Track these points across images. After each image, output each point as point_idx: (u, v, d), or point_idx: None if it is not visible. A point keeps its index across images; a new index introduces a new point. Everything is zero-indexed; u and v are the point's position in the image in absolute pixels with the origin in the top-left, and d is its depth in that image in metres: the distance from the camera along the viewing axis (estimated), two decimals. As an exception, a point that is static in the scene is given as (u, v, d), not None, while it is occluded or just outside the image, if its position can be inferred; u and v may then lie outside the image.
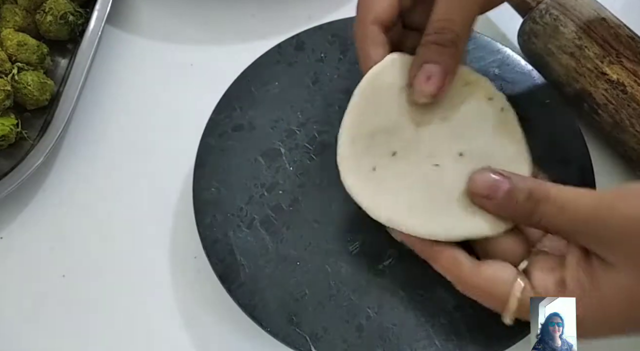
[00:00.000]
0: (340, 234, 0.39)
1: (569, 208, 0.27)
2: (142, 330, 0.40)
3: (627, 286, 0.26)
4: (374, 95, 0.33)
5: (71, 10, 0.48)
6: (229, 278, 0.37)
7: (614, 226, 0.26)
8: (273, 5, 0.52)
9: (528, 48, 0.46)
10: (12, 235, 0.44)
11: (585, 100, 0.42)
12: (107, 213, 0.44)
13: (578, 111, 0.43)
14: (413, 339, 0.35)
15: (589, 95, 0.41)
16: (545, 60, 0.44)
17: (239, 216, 0.39)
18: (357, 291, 0.37)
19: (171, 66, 0.50)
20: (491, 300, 0.29)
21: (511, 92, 0.43)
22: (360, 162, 0.32)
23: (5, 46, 0.45)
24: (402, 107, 0.32)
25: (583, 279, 0.27)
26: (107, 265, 0.42)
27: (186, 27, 0.52)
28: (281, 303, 0.36)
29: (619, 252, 0.26)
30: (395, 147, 0.32)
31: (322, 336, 0.36)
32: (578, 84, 0.42)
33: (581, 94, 0.42)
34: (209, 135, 0.42)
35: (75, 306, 0.41)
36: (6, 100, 0.43)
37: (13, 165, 0.43)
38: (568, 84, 0.43)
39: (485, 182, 0.29)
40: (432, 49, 0.29)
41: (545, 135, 0.41)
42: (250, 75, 0.44)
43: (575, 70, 0.42)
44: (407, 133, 0.32)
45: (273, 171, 0.41)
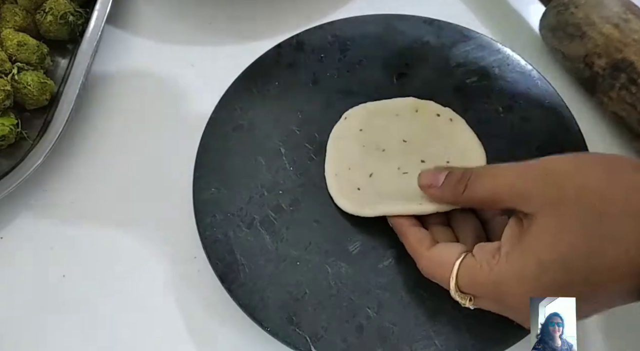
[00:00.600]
0: (340, 234, 0.39)
1: (492, 174, 0.32)
2: (142, 329, 0.40)
3: (547, 230, 0.28)
4: (343, 139, 0.41)
5: (71, 10, 0.48)
6: (229, 278, 0.37)
7: (530, 179, 0.30)
8: (273, 6, 0.52)
9: (564, 18, 0.45)
10: (12, 235, 0.43)
11: (624, 70, 0.42)
12: (107, 213, 0.44)
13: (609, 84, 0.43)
14: (413, 339, 0.35)
15: (631, 64, 0.42)
16: (582, 30, 0.44)
17: (239, 216, 0.39)
18: (357, 291, 0.37)
19: (171, 66, 0.50)
20: (439, 269, 0.32)
21: (511, 92, 0.43)
22: (346, 186, 0.40)
23: (6, 46, 0.45)
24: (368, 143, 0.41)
25: (513, 239, 0.30)
26: (107, 265, 0.42)
27: (186, 28, 0.52)
28: (281, 303, 0.36)
29: (536, 201, 0.29)
30: (370, 169, 0.40)
31: (322, 336, 0.36)
32: (620, 54, 0.42)
33: (621, 64, 0.42)
34: (209, 135, 0.42)
35: (75, 306, 0.41)
36: (6, 100, 0.43)
37: (13, 165, 0.43)
38: (607, 54, 0.43)
39: (428, 175, 0.35)
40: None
41: (545, 135, 0.41)
42: (250, 75, 0.44)
43: (618, 40, 0.42)
44: (377, 159, 0.40)
45: (273, 171, 0.41)
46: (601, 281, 0.27)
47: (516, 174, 0.30)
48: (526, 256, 0.29)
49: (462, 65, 0.44)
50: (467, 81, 0.44)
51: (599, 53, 0.43)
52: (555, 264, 0.28)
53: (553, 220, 0.28)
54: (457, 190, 0.33)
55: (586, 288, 0.28)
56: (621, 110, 0.43)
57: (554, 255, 0.28)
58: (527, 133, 0.42)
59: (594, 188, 0.28)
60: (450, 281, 0.31)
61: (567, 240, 0.28)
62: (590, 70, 0.44)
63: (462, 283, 0.31)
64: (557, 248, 0.28)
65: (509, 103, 0.43)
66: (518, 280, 0.29)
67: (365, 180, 0.40)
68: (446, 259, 0.32)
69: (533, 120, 0.42)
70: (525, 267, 0.28)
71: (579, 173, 0.29)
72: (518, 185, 0.30)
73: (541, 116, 0.42)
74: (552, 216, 0.28)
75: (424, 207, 0.36)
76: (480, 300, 0.31)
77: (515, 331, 0.34)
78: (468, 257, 0.31)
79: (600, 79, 0.43)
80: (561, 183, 0.29)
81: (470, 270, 0.31)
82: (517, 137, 0.42)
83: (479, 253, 0.31)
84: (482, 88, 0.44)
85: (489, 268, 0.30)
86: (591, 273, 0.27)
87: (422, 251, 0.34)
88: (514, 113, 0.42)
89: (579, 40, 0.44)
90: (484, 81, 0.44)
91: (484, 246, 0.31)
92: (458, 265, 0.31)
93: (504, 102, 0.43)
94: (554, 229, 0.28)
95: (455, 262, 0.31)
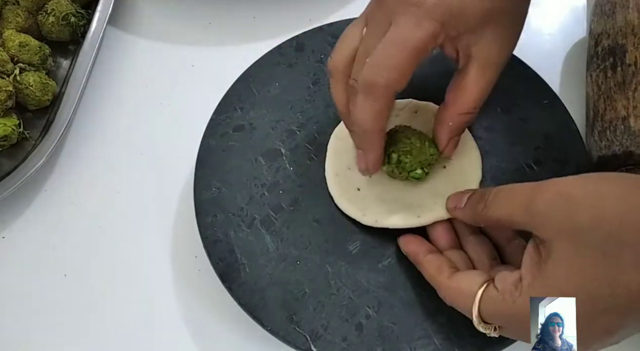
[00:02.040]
0: (340, 234, 0.39)
1: (508, 195, 0.31)
2: (143, 329, 0.41)
3: (567, 260, 0.27)
4: (343, 139, 0.41)
5: (73, 11, 0.48)
6: (229, 278, 0.37)
7: (543, 202, 0.29)
8: (274, 7, 0.52)
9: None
10: (14, 235, 0.44)
11: (616, 55, 0.42)
12: (108, 213, 0.44)
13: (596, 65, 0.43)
14: (412, 338, 0.35)
15: (624, 52, 0.41)
16: (614, 9, 0.44)
17: (240, 216, 0.40)
18: (356, 291, 0.37)
19: (172, 67, 0.50)
20: (460, 298, 0.32)
21: (510, 93, 0.43)
22: (346, 186, 0.40)
23: (8, 47, 0.45)
24: None
25: (533, 269, 0.29)
26: (108, 264, 0.42)
27: (187, 28, 0.52)
28: (281, 302, 0.37)
29: (551, 228, 0.28)
30: None
31: (322, 335, 0.36)
32: (623, 40, 0.42)
33: (617, 49, 0.42)
34: (210, 135, 0.42)
35: (76, 305, 0.41)
36: (8, 101, 0.44)
37: (15, 165, 0.43)
38: (613, 37, 0.43)
39: (454, 197, 0.36)
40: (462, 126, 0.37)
41: (544, 135, 0.42)
42: (251, 76, 0.44)
43: (633, 27, 0.42)
44: None
45: (273, 171, 0.41)
46: (626, 310, 0.27)
47: (530, 196, 0.29)
48: (548, 289, 0.28)
49: (461, 66, 0.44)
50: (466, 82, 0.44)
51: (610, 34, 0.43)
52: (578, 297, 0.27)
53: (571, 249, 0.27)
54: (477, 209, 0.33)
55: (613, 317, 0.27)
56: (590, 90, 0.43)
57: (576, 287, 0.27)
58: (525, 134, 0.42)
59: (611, 214, 0.27)
60: (473, 312, 0.31)
61: (589, 271, 0.27)
62: (595, 48, 0.44)
63: (485, 314, 0.31)
64: (578, 280, 0.27)
65: (507, 103, 0.43)
66: None
67: (366, 181, 0.40)
68: (467, 289, 0.31)
69: (532, 120, 0.42)
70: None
71: (593, 198, 0.28)
72: (532, 207, 0.29)
73: (540, 117, 0.42)
74: (570, 245, 0.27)
75: (422, 219, 0.37)
76: (505, 330, 0.31)
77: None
78: (490, 288, 0.30)
79: (595, 58, 0.43)
80: (576, 210, 0.28)
81: (493, 302, 0.30)
82: (516, 138, 0.42)
83: (501, 284, 0.30)
84: (481, 89, 0.44)
85: (512, 300, 0.29)
86: (615, 300, 0.26)
87: (442, 280, 0.33)
88: (512, 113, 0.43)
89: (605, 18, 0.44)
90: (483, 82, 0.44)
91: (505, 276, 0.30)
92: (480, 296, 0.30)
93: (502, 103, 0.43)
94: (574, 260, 0.27)
95: (477, 292, 0.31)
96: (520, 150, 0.41)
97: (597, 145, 0.41)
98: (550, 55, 0.49)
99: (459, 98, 0.35)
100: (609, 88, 0.41)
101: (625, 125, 0.39)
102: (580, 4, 0.52)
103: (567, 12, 0.53)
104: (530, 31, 0.51)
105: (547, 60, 0.49)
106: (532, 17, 0.51)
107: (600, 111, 0.42)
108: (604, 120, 0.41)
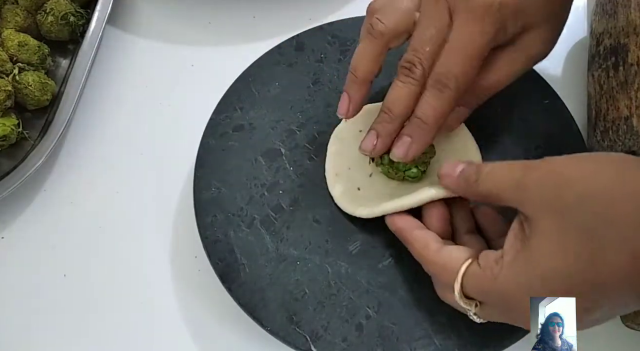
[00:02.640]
0: (340, 234, 0.39)
1: (501, 170, 0.32)
2: (143, 329, 0.41)
3: (550, 238, 0.28)
4: (343, 139, 0.42)
5: (72, 10, 0.48)
6: (229, 278, 0.37)
7: (533, 179, 0.29)
8: (273, 6, 0.52)
9: None
10: (13, 235, 0.44)
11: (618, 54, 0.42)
12: (107, 213, 0.44)
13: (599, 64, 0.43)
14: (412, 338, 0.35)
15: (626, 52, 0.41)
16: (616, 9, 0.44)
17: (240, 216, 0.39)
18: (356, 291, 0.37)
19: (172, 67, 0.50)
20: (445, 273, 0.32)
21: (511, 93, 0.43)
22: (346, 186, 0.40)
23: (7, 46, 0.45)
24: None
25: (516, 245, 0.29)
26: (107, 264, 0.42)
27: (187, 28, 0.52)
28: (281, 302, 0.37)
29: (536, 205, 0.29)
30: (370, 169, 0.40)
31: (322, 335, 0.36)
32: (626, 39, 0.42)
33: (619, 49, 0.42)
34: (210, 135, 0.42)
35: (75, 306, 0.41)
36: (7, 101, 0.44)
37: (14, 165, 0.43)
38: (615, 37, 0.43)
39: (448, 165, 0.35)
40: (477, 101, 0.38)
41: (544, 135, 0.41)
42: (250, 76, 0.44)
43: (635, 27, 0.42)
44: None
45: (273, 171, 0.41)
46: (608, 289, 0.27)
47: (522, 173, 0.30)
48: (529, 265, 0.28)
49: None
50: (466, 81, 0.44)
51: (611, 33, 0.43)
52: (560, 274, 0.27)
53: (556, 227, 0.28)
54: (470, 180, 0.33)
55: (594, 296, 0.27)
56: (592, 89, 0.43)
57: (558, 264, 0.27)
58: (526, 134, 0.42)
59: (599, 193, 0.27)
60: (455, 286, 0.31)
61: (572, 248, 0.27)
62: (596, 48, 0.44)
63: (467, 289, 0.31)
64: (561, 257, 0.27)
65: (508, 103, 0.43)
66: (523, 291, 0.28)
67: (366, 180, 0.40)
68: (452, 264, 0.32)
69: (532, 120, 0.42)
70: (529, 278, 0.28)
71: (582, 178, 0.28)
72: (522, 184, 0.29)
73: (540, 116, 0.42)
74: (555, 223, 0.28)
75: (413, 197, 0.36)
76: (486, 308, 0.31)
77: (514, 331, 0.34)
78: (474, 264, 0.31)
79: (596, 57, 0.43)
80: (562, 188, 0.28)
81: (475, 277, 0.30)
82: (516, 137, 0.42)
83: (484, 260, 0.31)
84: (482, 89, 0.44)
85: (493, 276, 0.29)
86: (597, 279, 0.27)
87: (428, 255, 0.33)
88: (513, 113, 0.43)
89: (607, 17, 0.44)
90: (483, 81, 0.44)
91: (489, 253, 0.31)
92: (463, 271, 0.31)
93: (503, 103, 0.43)
94: (557, 237, 0.27)
95: (461, 267, 0.31)
96: (521, 150, 0.41)
97: (600, 145, 0.41)
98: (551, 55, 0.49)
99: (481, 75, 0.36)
100: (611, 88, 0.41)
101: (628, 124, 0.39)
102: (581, 4, 0.52)
103: (568, 11, 0.53)
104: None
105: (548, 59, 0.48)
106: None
107: (602, 111, 0.42)
108: (607, 120, 0.41)
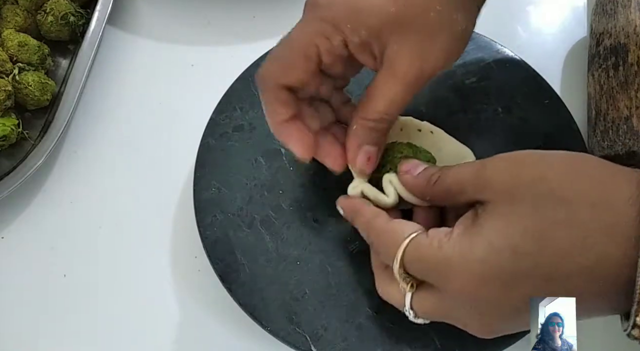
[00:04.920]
0: (340, 234, 0.39)
1: (459, 168, 0.31)
2: (143, 329, 0.40)
3: (500, 214, 0.28)
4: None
5: (72, 10, 0.48)
6: (229, 278, 0.37)
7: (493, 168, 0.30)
8: (273, 6, 0.52)
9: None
10: (13, 235, 0.44)
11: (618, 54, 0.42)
12: (107, 213, 0.44)
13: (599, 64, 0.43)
14: (412, 338, 0.35)
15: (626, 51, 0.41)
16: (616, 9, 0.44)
17: (240, 216, 0.39)
18: (357, 291, 0.37)
19: (172, 66, 0.50)
20: (390, 240, 0.31)
21: (510, 93, 0.43)
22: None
23: (7, 46, 0.45)
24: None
25: (467, 222, 0.29)
26: (107, 264, 0.42)
27: (187, 28, 0.52)
28: (281, 302, 0.37)
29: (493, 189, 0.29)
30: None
31: (322, 335, 0.36)
32: (626, 39, 0.42)
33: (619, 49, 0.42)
34: (210, 135, 0.42)
35: (75, 306, 0.41)
36: (7, 101, 0.44)
37: (14, 165, 0.43)
38: (615, 37, 0.43)
39: (409, 163, 0.34)
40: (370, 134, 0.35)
41: (544, 135, 0.42)
42: (250, 76, 0.44)
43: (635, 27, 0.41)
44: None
45: (273, 171, 0.41)
46: (554, 270, 0.26)
47: (482, 164, 0.30)
48: (476, 237, 0.28)
49: (461, 66, 0.44)
50: (466, 82, 0.44)
51: (611, 33, 0.43)
52: (504, 248, 0.27)
53: (508, 204, 0.28)
54: (430, 180, 0.32)
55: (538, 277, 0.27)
56: (592, 89, 0.43)
57: (505, 238, 0.27)
58: (526, 134, 0.42)
59: (553, 173, 0.28)
60: (397, 253, 0.30)
61: (520, 224, 0.27)
62: (596, 48, 0.44)
63: (408, 258, 0.30)
64: (508, 232, 0.27)
65: (508, 103, 0.43)
66: (464, 261, 0.28)
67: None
68: (399, 233, 0.31)
69: (532, 120, 0.42)
70: (474, 248, 0.28)
71: (541, 163, 0.29)
72: (481, 174, 0.30)
73: (540, 117, 0.42)
74: (507, 201, 0.28)
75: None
76: (421, 292, 0.30)
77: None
78: (422, 235, 0.30)
79: (596, 58, 0.43)
80: (520, 169, 0.28)
81: (420, 247, 0.30)
82: (516, 138, 0.42)
83: (433, 232, 0.30)
84: (481, 89, 0.44)
85: (439, 245, 0.29)
86: (542, 258, 0.26)
87: (377, 223, 0.32)
88: (512, 113, 0.43)
89: (607, 17, 0.44)
90: (483, 82, 0.44)
91: (440, 229, 0.30)
92: (409, 240, 0.30)
93: (503, 103, 0.43)
94: (507, 213, 0.28)
95: (408, 235, 0.30)
96: (521, 150, 0.41)
97: (600, 145, 0.41)
98: (550, 55, 0.50)
99: (363, 103, 0.34)
100: (611, 88, 0.41)
101: (628, 124, 0.39)
102: (581, 4, 0.52)
103: (568, 11, 0.53)
104: (530, 31, 0.51)
105: (548, 59, 0.49)
106: (532, 16, 0.51)
107: (602, 111, 0.42)
108: (607, 120, 0.41)
